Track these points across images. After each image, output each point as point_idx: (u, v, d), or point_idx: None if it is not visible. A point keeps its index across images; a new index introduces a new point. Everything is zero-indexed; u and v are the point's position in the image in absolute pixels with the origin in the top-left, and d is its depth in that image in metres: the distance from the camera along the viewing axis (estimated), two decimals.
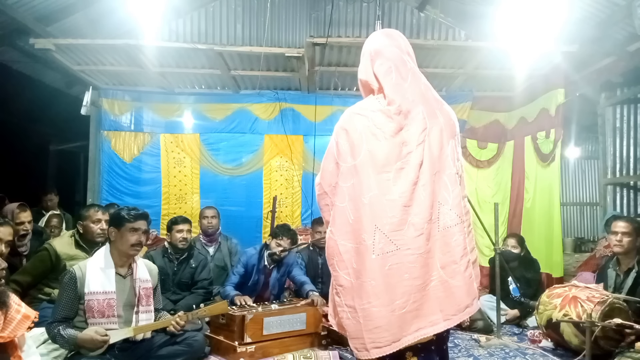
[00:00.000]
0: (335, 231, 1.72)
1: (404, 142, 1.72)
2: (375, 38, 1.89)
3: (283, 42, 5.89)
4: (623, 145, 5.17)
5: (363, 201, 1.68)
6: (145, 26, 5.04)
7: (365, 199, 1.68)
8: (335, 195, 1.76)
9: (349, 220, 1.70)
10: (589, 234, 8.72)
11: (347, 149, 1.74)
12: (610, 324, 2.89)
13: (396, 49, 1.83)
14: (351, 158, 1.73)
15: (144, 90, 6.30)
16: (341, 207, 1.72)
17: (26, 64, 5.76)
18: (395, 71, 1.78)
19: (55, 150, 8.23)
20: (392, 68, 1.78)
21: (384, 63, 1.80)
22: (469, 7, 5.69)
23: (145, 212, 2.80)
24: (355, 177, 1.71)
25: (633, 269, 3.38)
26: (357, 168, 1.71)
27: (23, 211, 3.59)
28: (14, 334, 1.86)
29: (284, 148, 6.31)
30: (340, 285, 1.71)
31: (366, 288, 1.65)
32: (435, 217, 1.73)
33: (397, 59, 1.80)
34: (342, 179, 1.74)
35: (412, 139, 1.73)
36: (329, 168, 1.82)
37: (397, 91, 1.76)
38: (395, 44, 1.84)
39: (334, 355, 3.35)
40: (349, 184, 1.71)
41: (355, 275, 1.67)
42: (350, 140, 1.75)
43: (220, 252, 4.86)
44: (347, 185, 1.72)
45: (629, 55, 4.70)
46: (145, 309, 2.75)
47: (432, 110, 1.78)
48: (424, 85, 1.82)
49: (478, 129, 6.39)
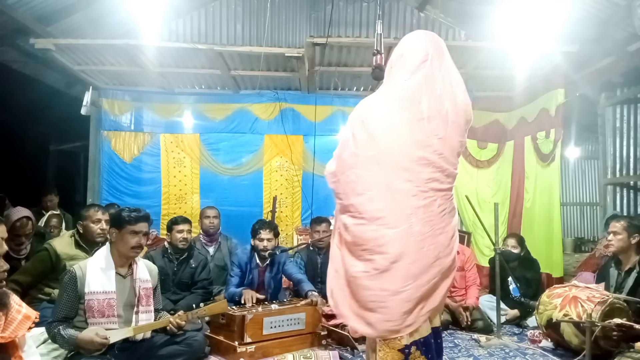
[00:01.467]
0: (369, 217, 1.74)
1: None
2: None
3: (283, 42, 5.89)
4: (623, 145, 5.17)
5: (392, 186, 1.72)
6: (146, 26, 5.04)
7: (393, 185, 1.73)
8: (361, 183, 1.77)
9: (380, 205, 1.73)
10: (589, 234, 8.73)
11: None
12: (610, 324, 2.89)
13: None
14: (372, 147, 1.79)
15: (144, 90, 6.30)
16: (370, 194, 1.74)
17: (26, 64, 5.76)
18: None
19: (55, 150, 8.23)
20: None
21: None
22: (469, 7, 5.69)
23: (146, 214, 2.78)
24: (380, 165, 1.76)
25: (634, 269, 3.38)
26: (383, 155, 1.77)
27: (24, 225, 3.60)
28: (14, 335, 1.86)
29: (284, 148, 6.31)
30: (375, 269, 1.72)
31: (405, 270, 1.70)
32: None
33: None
34: (365, 167, 1.77)
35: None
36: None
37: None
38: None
39: (334, 355, 3.35)
40: (374, 171, 1.75)
41: (394, 259, 1.70)
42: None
43: (220, 252, 4.86)
44: (372, 173, 1.75)
45: (629, 55, 4.70)
46: (145, 309, 2.75)
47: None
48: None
49: (478, 129, 6.39)
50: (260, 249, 4.02)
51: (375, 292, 1.72)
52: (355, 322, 1.78)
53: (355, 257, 1.77)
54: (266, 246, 4.00)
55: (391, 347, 1.73)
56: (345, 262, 1.80)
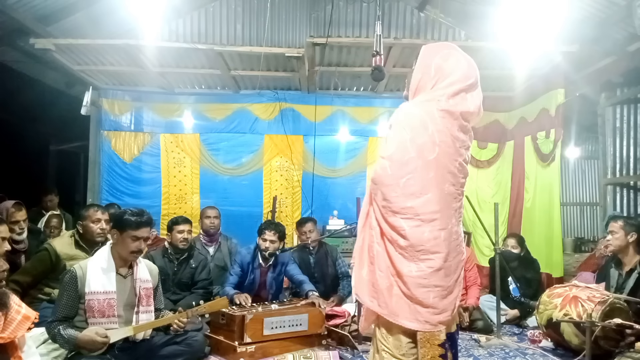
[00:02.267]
0: (426, 219, 1.87)
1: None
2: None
3: (283, 42, 5.89)
4: (623, 145, 5.16)
5: (444, 189, 1.89)
6: (146, 26, 5.04)
7: (444, 188, 1.89)
8: (421, 186, 1.88)
9: (437, 207, 1.88)
10: (589, 234, 8.72)
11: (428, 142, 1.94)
12: (610, 324, 2.89)
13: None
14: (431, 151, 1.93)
15: (144, 90, 6.30)
16: (427, 197, 1.87)
17: (26, 64, 5.76)
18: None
19: (55, 150, 8.22)
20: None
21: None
22: (469, 7, 5.69)
23: (149, 219, 2.76)
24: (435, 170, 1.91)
25: (635, 269, 3.38)
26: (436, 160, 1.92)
27: (18, 210, 3.58)
28: (14, 335, 1.86)
29: (284, 148, 6.31)
30: (430, 267, 1.85)
31: (450, 267, 1.89)
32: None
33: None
34: (425, 171, 1.89)
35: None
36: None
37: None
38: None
39: (334, 356, 3.35)
40: (431, 175, 1.89)
41: (445, 257, 1.87)
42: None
43: (220, 252, 4.86)
44: (430, 177, 1.88)
45: (629, 55, 4.70)
46: (145, 309, 2.74)
47: None
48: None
49: (478, 129, 6.39)
50: (262, 248, 4.04)
51: (429, 289, 1.85)
52: (406, 320, 1.87)
53: (408, 259, 1.86)
54: (267, 247, 4.01)
55: (432, 342, 1.86)
56: (395, 263, 1.88)
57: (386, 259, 1.90)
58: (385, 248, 1.91)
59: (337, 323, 3.68)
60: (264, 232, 4.05)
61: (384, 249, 1.92)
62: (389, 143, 1.93)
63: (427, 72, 1.97)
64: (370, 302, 1.93)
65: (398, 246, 1.87)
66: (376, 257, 1.93)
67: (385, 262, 1.91)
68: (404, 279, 1.86)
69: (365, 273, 1.96)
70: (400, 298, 1.87)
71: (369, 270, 1.96)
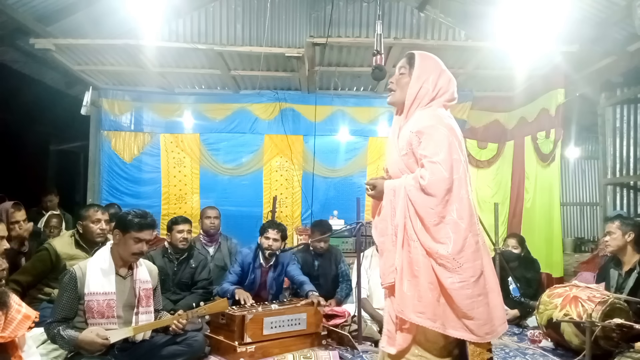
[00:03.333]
0: (468, 226, 1.86)
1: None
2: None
3: (283, 42, 5.89)
4: (623, 145, 5.17)
5: (468, 192, 1.91)
6: (146, 26, 5.04)
7: (468, 190, 1.92)
8: (459, 188, 1.88)
9: (472, 214, 1.89)
10: (589, 234, 8.71)
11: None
12: (611, 324, 2.89)
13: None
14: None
15: (144, 90, 6.30)
16: (466, 199, 1.89)
17: (26, 64, 5.76)
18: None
19: (55, 150, 8.22)
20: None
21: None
22: (469, 7, 5.69)
23: (152, 221, 2.75)
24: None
25: (634, 269, 3.38)
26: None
27: (17, 210, 3.57)
28: (14, 334, 1.86)
29: (284, 148, 6.31)
30: (472, 276, 1.84)
31: (489, 277, 1.90)
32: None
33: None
34: (463, 174, 1.91)
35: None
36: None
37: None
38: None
39: (334, 355, 3.34)
40: (464, 177, 1.91)
41: (482, 266, 1.87)
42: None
43: (220, 252, 4.86)
44: (467, 180, 1.93)
45: (629, 55, 4.70)
46: (145, 310, 2.74)
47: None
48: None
49: (478, 129, 6.39)
50: (264, 247, 4.03)
51: (474, 300, 1.85)
52: (454, 330, 1.86)
53: (448, 270, 1.84)
54: (271, 245, 4.01)
55: (482, 347, 1.89)
56: (439, 274, 1.86)
57: (430, 270, 1.86)
58: (429, 260, 1.87)
59: (337, 323, 3.68)
60: (267, 230, 4.05)
61: (428, 260, 1.87)
62: (433, 146, 1.86)
63: (426, 87, 2.02)
64: (418, 318, 1.85)
65: (439, 256, 1.83)
66: (424, 269, 1.86)
67: (431, 274, 1.86)
68: (449, 291, 1.83)
69: (406, 288, 1.88)
70: (448, 309, 1.86)
71: (410, 285, 1.87)
